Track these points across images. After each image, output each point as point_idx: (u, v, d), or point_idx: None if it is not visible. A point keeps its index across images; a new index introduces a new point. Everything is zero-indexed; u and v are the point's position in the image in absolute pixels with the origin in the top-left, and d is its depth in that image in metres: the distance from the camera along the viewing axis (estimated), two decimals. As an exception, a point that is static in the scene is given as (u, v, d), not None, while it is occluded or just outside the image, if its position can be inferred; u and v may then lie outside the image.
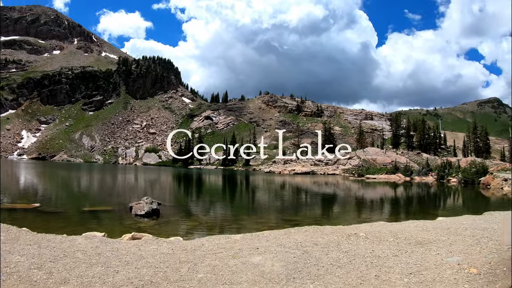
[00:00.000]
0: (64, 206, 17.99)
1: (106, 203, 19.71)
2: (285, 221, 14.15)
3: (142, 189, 31.44)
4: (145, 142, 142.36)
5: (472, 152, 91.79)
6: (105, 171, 64.69)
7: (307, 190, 35.05)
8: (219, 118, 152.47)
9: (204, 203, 22.87)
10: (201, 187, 38.03)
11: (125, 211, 15.37)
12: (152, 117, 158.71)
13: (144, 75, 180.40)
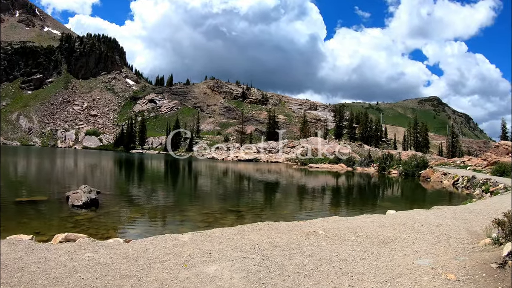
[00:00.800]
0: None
1: (42, 192, 18.98)
2: (230, 212, 14.27)
3: (82, 176, 31.36)
4: (85, 125, 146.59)
5: (412, 146, 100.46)
6: (43, 155, 63.98)
7: (250, 177, 36.43)
8: (163, 102, 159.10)
9: (146, 191, 22.75)
10: (143, 173, 38.60)
11: (62, 202, 14.96)
12: (94, 99, 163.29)
13: (87, 53, 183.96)
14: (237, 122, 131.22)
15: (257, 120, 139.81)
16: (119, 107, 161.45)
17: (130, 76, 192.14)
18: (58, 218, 12.22)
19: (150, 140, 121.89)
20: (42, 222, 11.38)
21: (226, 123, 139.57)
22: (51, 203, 15.29)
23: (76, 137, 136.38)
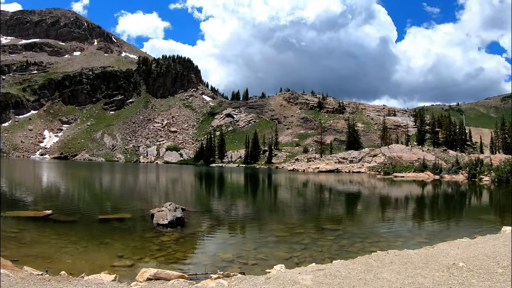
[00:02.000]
0: (78, 213, 18.42)
1: (126, 209, 20.00)
2: (325, 231, 14.46)
3: (164, 191, 32.86)
4: (166, 141, 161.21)
5: (500, 148, 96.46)
6: (126, 171, 69.83)
7: (338, 190, 36.51)
8: (240, 116, 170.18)
9: (230, 207, 23.12)
10: (225, 188, 39.79)
11: (146, 219, 15.73)
12: (173, 116, 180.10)
13: (164, 74, 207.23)
14: (315, 132, 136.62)
15: (335, 129, 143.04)
16: (197, 123, 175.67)
17: (206, 93, 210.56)
18: (143, 238, 12.61)
19: (229, 154, 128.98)
20: (125, 243, 11.77)
21: (304, 134, 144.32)
22: (135, 221, 15.99)
23: (157, 153, 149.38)
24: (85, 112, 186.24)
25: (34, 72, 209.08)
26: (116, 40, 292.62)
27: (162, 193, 30.73)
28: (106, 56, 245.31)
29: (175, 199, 24.10)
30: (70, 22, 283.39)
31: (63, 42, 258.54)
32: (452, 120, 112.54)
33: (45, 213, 16.74)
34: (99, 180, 44.89)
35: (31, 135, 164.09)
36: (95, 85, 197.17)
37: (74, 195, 28.92)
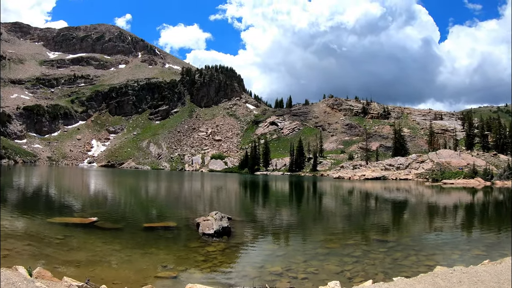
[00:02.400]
0: (124, 220, 18.75)
1: (171, 217, 20.38)
2: (375, 242, 14.26)
3: (209, 199, 33.06)
4: (211, 149, 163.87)
5: None
6: (172, 179, 71.27)
7: (395, 201, 34.44)
8: (284, 124, 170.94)
9: (276, 216, 22.76)
10: (270, 196, 39.45)
11: (191, 228, 15.75)
12: (217, 124, 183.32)
13: (207, 83, 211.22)
14: (360, 139, 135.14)
15: (380, 135, 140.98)
16: (241, 131, 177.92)
17: (250, 101, 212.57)
18: (188, 248, 12.58)
19: (274, 162, 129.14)
20: (170, 253, 11.79)
21: (349, 141, 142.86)
22: (180, 230, 16.00)
23: (202, 161, 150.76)
24: (131, 122, 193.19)
25: (82, 85, 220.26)
26: (159, 52, 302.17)
27: (207, 202, 30.90)
28: (150, 68, 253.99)
29: (220, 207, 24.85)
30: (115, 36, 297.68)
31: (108, 56, 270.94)
32: (502, 122, 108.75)
33: (91, 220, 17.19)
34: (145, 188, 45.92)
35: (79, 144, 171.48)
36: (140, 96, 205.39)
37: (120, 202, 30.07)
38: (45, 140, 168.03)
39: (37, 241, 12.86)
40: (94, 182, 56.25)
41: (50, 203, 26.99)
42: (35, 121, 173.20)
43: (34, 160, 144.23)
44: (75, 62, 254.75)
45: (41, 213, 20.65)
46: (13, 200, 27.75)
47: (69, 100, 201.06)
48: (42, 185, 44.98)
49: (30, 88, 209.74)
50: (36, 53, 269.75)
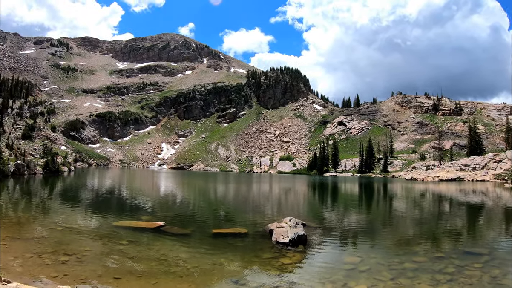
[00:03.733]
0: (192, 224, 18.44)
1: (241, 222, 19.77)
2: (467, 255, 12.88)
3: (280, 203, 32.47)
4: (279, 151, 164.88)
5: None
6: (240, 180, 71.68)
7: (475, 206, 31.24)
8: (352, 123, 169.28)
9: (354, 222, 21.51)
10: (344, 199, 37.80)
11: (264, 236, 15.13)
12: (284, 126, 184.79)
13: (273, 85, 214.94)
14: (432, 137, 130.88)
15: (453, 133, 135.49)
16: (309, 132, 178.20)
17: (316, 102, 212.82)
18: (260, 260, 11.81)
19: (343, 163, 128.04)
20: (241, 265, 11.24)
21: (420, 140, 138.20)
22: (252, 238, 15.23)
23: (270, 163, 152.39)
24: (199, 126, 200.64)
25: (151, 92, 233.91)
26: (224, 57, 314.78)
27: (277, 205, 30.05)
28: (216, 73, 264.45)
29: (293, 212, 24.26)
30: (179, 44, 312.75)
31: (174, 63, 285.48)
32: None
33: (158, 224, 16.88)
34: (214, 190, 46.05)
35: (150, 148, 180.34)
36: (207, 100, 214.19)
37: (188, 205, 29.68)
38: (117, 144, 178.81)
39: (100, 247, 12.98)
40: (164, 183, 58.10)
41: (119, 205, 28.04)
42: (108, 126, 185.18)
43: (107, 163, 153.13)
44: (143, 70, 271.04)
45: (109, 215, 21.33)
46: (84, 201, 29.49)
47: (139, 106, 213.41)
48: (113, 186, 47.74)
49: (102, 97, 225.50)
50: (106, 64, 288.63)
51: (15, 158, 60.23)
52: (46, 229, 15.98)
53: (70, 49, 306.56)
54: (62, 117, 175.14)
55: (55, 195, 33.27)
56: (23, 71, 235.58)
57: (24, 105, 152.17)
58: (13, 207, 23.58)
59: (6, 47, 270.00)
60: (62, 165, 74.85)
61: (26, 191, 36.51)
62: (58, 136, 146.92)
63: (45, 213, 21.78)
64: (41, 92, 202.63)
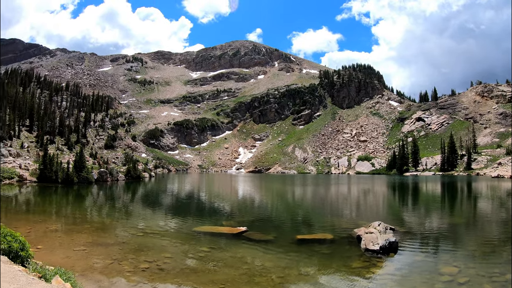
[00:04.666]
0: (274, 230, 17.98)
1: (325, 227, 19.17)
2: None
3: (363, 205, 31.57)
4: (356, 151, 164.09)
5: None
6: (319, 182, 71.09)
7: None
8: (431, 119, 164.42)
9: (442, 227, 19.89)
10: (427, 201, 35.83)
11: (351, 242, 14.70)
12: (361, 125, 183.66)
13: (347, 84, 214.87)
14: None
15: None
16: (387, 130, 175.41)
17: (392, 98, 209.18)
18: (349, 270, 11.21)
19: (424, 161, 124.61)
20: (329, 276, 10.72)
21: (504, 133, 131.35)
22: (338, 244, 14.70)
23: (348, 163, 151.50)
24: (275, 129, 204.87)
25: (225, 98, 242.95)
26: (294, 59, 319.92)
27: (360, 208, 29.32)
28: (288, 75, 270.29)
29: (376, 215, 23.60)
30: (249, 50, 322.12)
31: (246, 69, 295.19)
32: None
33: (240, 229, 16.78)
34: (293, 193, 45.72)
35: (227, 153, 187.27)
36: (282, 103, 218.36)
37: (268, 209, 29.21)
38: (195, 150, 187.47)
39: (181, 254, 13.02)
40: (242, 187, 58.43)
41: (199, 209, 28.47)
42: (185, 134, 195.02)
43: (186, 169, 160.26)
44: (216, 78, 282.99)
45: (189, 220, 21.69)
46: (165, 205, 30.84)
47: (214, 113, 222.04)
48: (193, 191, 49.16)
49: (178, 106, 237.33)
50: (180, 75, 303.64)
51: (99, 166, 65.39)
52: (127, 235, 16.49)
53: (145, 64, 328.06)
54: (141, 126, 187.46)
55: (136, 200, 35.20)
56: (102, 86, 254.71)
57: (105, 118, 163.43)
58: (97, 212, 25.39)
59: (85, 66, 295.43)
60: (143, 171, 78.57)
61: (109, 196, 38.78)
62: (138, 145, 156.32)
63: (127, 218, 22.94)
64: (121, 105, 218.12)
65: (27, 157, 71.41)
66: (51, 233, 16.36)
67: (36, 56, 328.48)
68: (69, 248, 13.36)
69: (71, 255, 12.29)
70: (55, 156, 54.77)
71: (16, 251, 8.77)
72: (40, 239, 14.74)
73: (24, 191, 39.09)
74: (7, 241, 8.90)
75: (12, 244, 8.84)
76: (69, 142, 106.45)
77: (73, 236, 15.68)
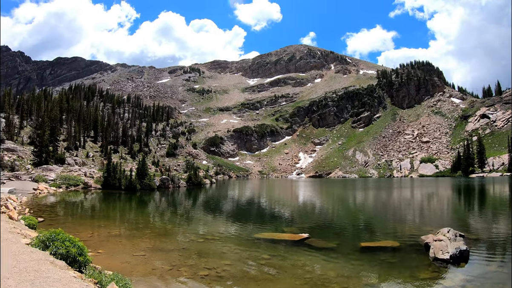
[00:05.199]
0: (337, 237, 17.82)
1: (389, 234, 18.63)
2: None
3: (427, 210, 30.41)
4: (419, 152, 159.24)
5: None
6: (381, 186, 69.52)
7: None
8: (496, 115, 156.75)
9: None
10: (495, 205, 33.70)
11: (418, 250, 14.18)
12: (423, 125, 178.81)
13: (405, 83, 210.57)
14: None
15: None
16: (450, 129, 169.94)
17: (454, 95, 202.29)
18: (418, 280, 10.72)
19: (490, 161, 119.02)
20: (396, 287, 10.46)
21: None
22: (405, 252, 14.16)
23: (411, 166, 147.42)
24: (335, 132, 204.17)
25: (283, 103, 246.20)
26: (350, 61, 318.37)
27: (425, 213, 28.10)
28: (345, 77, 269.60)
29: (443, 221, 22.65)
30: (304, 54, 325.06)
31: (302, 73, 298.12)
32: None
33: (301, 236, 16.49)
34: (354, 198, 44.64)
35: (287, 158, 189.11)
36: (340, 106, 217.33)
37: (330, 215, 28.47)
38: (255, 156, 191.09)
39: (241, 261, 12.90)
40: (303, 192, 57.81)
41: (259, 215, 28.31)
42: (245, 140, 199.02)
43: (247, 175, 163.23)
44: (273, 84, 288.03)
45: (250, 226, 21.67)
46: (225, 211, 31.08)
47: (273, 118, 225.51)
48: (253, 196, 49.44)
49: (237, 113, 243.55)
50: (237, 83, 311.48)
51: (160, 174, 68.25)
52: (187, 241, 16.67)
53: (202, 73, 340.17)
54: (201, 134, 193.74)
55: (197, 206, 35.59)
56: (162, 97, 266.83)
57: (166, 127, 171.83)
58: (158, 218, 25.84)
59: (144, 79, 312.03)
60: (204, 178, 79.93)
61: (170, 202, 39.78)
62: (199, 152, 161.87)
63: (187, 223, 23.26)
64: (181, 114, 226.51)
65: (92, 166, 76.20)
66: (112, 237, 17.00)
67: (98, 72, 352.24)
68: (129, 253, 13.77)
69: (131, 260, 12.65)
70: (119, 164, 57.46)
71: (74, 256, 9.16)
72: (102, 243, 15.42)
73: (88, 197, 41.00)
74: (65, 246, 9.34)
75: (70, 249, 9.26)
76: (132, 151, 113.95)
77: (134, 241, 16.19)
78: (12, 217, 17.23)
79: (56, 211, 26.84)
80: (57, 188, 45.92)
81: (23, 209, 24.39)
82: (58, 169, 58.38)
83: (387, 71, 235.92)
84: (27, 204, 28.90)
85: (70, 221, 22.49)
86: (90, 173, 60.38)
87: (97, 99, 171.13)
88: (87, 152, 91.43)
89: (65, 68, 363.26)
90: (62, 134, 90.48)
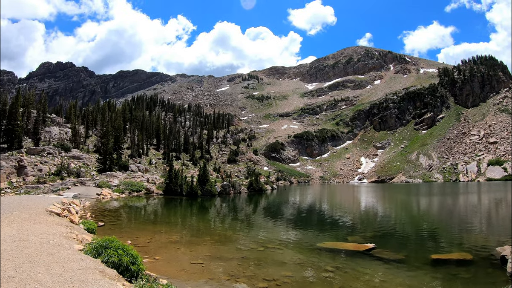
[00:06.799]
0: (405, 248, 16.99)
1: (461, 245, 17.40)
2: None
3: (501, 219, 28.85)
4: (486, 154, 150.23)
5: None
6: (446, 192, 66.84)
7: None
8: None
9: None
10: None
11: (493, 264, 13.35)
12: (489, 125, 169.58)
13: (469, 80, 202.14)
14: None
15: None
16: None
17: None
18: None
19: None
20: None
21: None
22: (479, 266, 13.37)
23: (478, 169, 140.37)
24: (397, 135, 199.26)
25: (343, 107, 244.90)
26: (410, 60, 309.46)
27: (498, 222, 26.76)
28: (405, 77, 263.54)
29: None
30: (362, 56, 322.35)
31: (361, 75, 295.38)
32: None
33: (367, 246, 15.95)
34: (419, 205, 43.12)
35: (349, 163, 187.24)
36: (402, 108, 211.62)
37: (396, 223, 27.22)
38: (316, 162, 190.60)
39: (303, 272, 12.55)
40: (365, 199, 56.47)
41: (321, 223, 27.46)
42: (306, 145, 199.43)
43: (308, 180, 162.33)
44: (332, 88, 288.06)
45: (312, 234, 21.12)
46: (286, 218, 30.55)
47: (334, 123, 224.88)
48: (315, 203, 48.75)
49: (297, 118, 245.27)
50: (295, 88, 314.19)
51: (222, 180, 69.13)
52: (247, 249, 16.21)
53: (260, 80, 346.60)
54: (262, 141, 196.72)
55: (257, 212, 35.46)
56: (222, 105, 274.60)
57: (227, 134, 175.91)
58: (218, 224, 25.88)
59: (204, 88, 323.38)
60: (265, 184, 79.48)
61: (231, 208, 39.73)
62: (260, 158, 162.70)
63: (248, 230, 22.84)
64: (241, 121, 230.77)
65: (154, 172, 79.11)
66: (170, 244, 16.81)
67: (159, 83, 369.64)
68: (187, 260, 13.62)
69: (188, 268, 12.47)
70: (180, 171, 59.07)
71: (127, 265, 9.08)
72: (160, 249, 15.25)
73: (150, 202, 41.84)
74: (118, 254, 9.33)
75: (123, 257, 9.21)
76: (193, 158, 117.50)
77: (192, 248, 16.00)
78: (73, 221, 18.07)
79: (117, 215, 27.82)
80: (120, 194, 47.43)
81: (85, 213, 25.34)
82: (121, 175, 60.40)
83: (448, 68, 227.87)
84: (89, 208, 30.17)
85: (130, 226, 23.01)
86: (153, 179, 61.87)
87: (159, 109, 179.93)
88: (150, 159, 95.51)
89: (127, 81, 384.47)
90: (126, 143, 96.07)
